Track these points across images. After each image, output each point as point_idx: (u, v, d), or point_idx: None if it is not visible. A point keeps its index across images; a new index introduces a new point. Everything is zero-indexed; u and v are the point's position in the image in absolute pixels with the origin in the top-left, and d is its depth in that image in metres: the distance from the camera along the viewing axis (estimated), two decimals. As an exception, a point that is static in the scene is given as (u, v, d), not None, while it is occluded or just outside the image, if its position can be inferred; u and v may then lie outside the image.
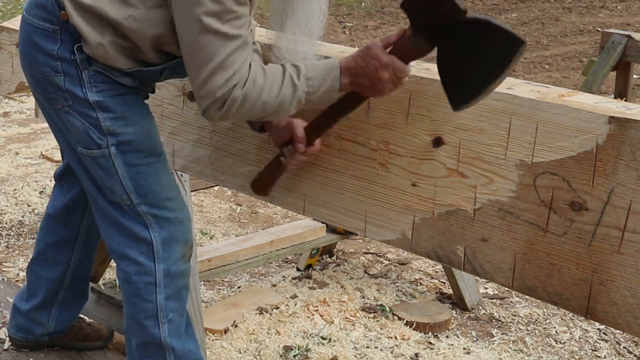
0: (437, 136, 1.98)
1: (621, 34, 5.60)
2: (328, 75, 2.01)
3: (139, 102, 2.28)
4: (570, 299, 1.81)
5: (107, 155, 2.23)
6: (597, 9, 11.67)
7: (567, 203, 1.77)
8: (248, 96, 1.99)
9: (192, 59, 2.00)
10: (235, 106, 2.00)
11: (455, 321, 3.68)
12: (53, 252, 2.69)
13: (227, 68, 1.96)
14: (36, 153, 5.70)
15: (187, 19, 1.97)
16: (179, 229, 2.34)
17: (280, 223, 4.61)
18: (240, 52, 1.98)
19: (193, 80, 2.03)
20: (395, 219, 2.10)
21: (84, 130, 2.21)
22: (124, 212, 2.30)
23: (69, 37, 2.14)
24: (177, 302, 2.39)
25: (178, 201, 2.36)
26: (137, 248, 2.32)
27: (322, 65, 2.03)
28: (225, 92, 1.97)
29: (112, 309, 3.04)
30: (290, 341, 3.36)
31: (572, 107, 1.75)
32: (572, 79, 8.28)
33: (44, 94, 2.24)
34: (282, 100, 2.02)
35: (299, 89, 2.01)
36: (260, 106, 2.01)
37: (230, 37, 1.95)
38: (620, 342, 3.52)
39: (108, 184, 2.26)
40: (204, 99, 2.01)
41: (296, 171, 2.29)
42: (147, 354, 2.42)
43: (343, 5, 11.85)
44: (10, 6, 11.47)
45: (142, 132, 2.25)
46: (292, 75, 2.02)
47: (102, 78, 2.17)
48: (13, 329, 2.81)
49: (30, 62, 2.23)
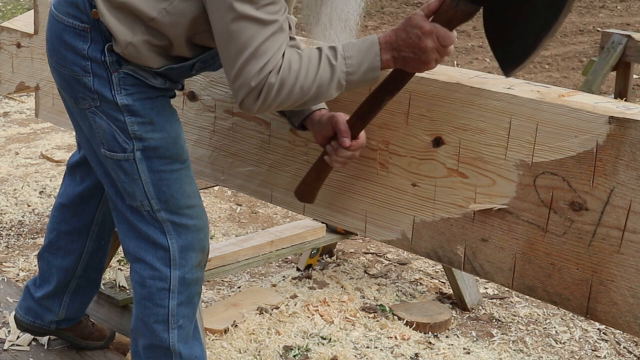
0: (437, 136, 1.98)
1: (621, 34, 5.60)
2: (368, 53, 1.89)
3: (168, 107, 2.24)
4: (570, 299, 1.81)
5: (131, 160, 2.19)
6: (597, 9, 11.67)
7: (567, 203, 1.77)
8: (284, 82, 1.90)
9: (227, 49, 1.92)
10: (273, 93, 1.90)
11: (455, 321, 3.68)
12: (66, 241, 2.68)
13: (261, 55, 1.88)
14: (36, 153, 5.70)
15: (220, 7, 1.91)
16: (196, 236, 2.30)
17: (280, 223, 4.61)
18: (275, 39, 1.90)
19: (228, 72, 1.95)
20: (395, 219, 2.10)
21: (110, 132, 2.17)
22: (142, 218, 2.27)
23: (100, 36, 2.11)
24: (189, 308, 2.36)
25: (199, 209, 2.32)
26: (154, 253, 2.28)
27: (360, 42, 1.91)
28: (261, 80, 1.89)
29: (112, 309, 3.03)
30: (290, 341, 3.36)
31: (572, 107, 1.76)
32: (572, 79, 8.28)
33: (71, 93, 2.21)
34: (321, 83, 1.91)
35: (337, 70, 1.91)
36: (298, 91, 1.91)
37: (265, 22, 1.88)
38: (620, 342, 3.51)
39: (129, 188, 2.23)
40: (240, 90, 1.92)
41: (296, 171, 2.29)
42: (154, 357, 2.39)
43: (343, 5, 11.84)
44: (10, 6, 11.47)
45: (169, 139, 2.21)
46: (329, 56, 1.91)
47: (132, 81, 2.14)
48: (22, 310, 2.78)
49: (58, 60, 2.19)
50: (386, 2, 12.13)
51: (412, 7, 11.90)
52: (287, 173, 2.33)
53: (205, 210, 2.37)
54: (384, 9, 11.80)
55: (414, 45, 1.85)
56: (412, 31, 1.85)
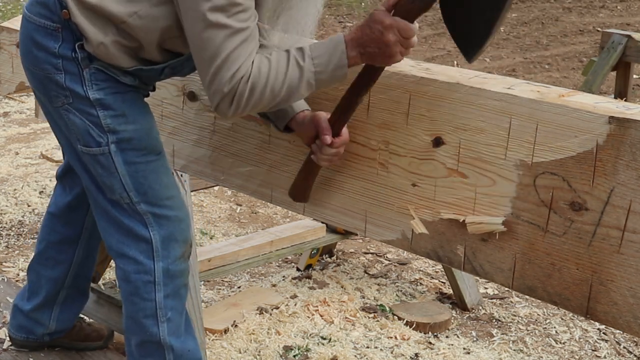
0: (437, 136, 1.98)
1: (621, 34, 5.60)
2: (334, 51, 1.95)
3: (139, 100, 2.28)
4: (570, 299, 1.81)
5: (107, 153, 2.23)
6: (597, 9, 11.67)
7: (567, 203, 1.77)
8: (255, 86, 1.96)
9: (200, 56, 1.98)
10: (244, 98, 1.96)
11: (455, 321, 3.68)
12: (55, 251, 2.69)
13: (233, 62, 1.94)
14: (36, 153, 5.71)
15: (192, 15, 1.95)
16: (178, 227, 2.34)
17: (280, 223, 4.61)
18: (246, 45, 1.95)
19: (203, 78, 2.00)
20: (395, 219, 2.10)
21: (84, 128, 2.21)
22: (123, 211, 2.30)
23: (71, 35, 2.14)
24: (176, 300, 2.39)
25: (177, 200, 2.36)
26: (137, 246, 2.32)
27: (327, 42, 1.97)
28: (233, 86, 1.95)
29: (112, 309, 3.04)
30: (290, 341, 3.36)
31: (572, 107, 1.75)
32: (572, 79, 8.28)
33: (45, 92, 2.24)
34: (290, 85, 1.97)
35: (306, 70, 1.96)
36: (269, 94, 1.97)
37: (236, 30, 1.93)
38: (620, 342, 3.52)
39: (108, 182, 2.27)
40: (214, 96, 1.98)
41: (296, 171, 2.29)
42: (147, 353, 2.42)
43: (343, 5, 11.85)
44: (10, 6, 11.47)
45: (142, 130, 2.25)
46: (297, 57, 1.96)
47: (103, 76, 2.17)
48: (14, 329, 2.80)
49: (30, 60, 2.23)
50: (386, 2, 12.13)
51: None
52: (287, 173, 2.33)
53: (184, 202, 2.41)
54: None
55: (378, 40, 1.90)
56: (374, 27, 1.90)
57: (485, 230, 1.90)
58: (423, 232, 2.01)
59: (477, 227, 1.91)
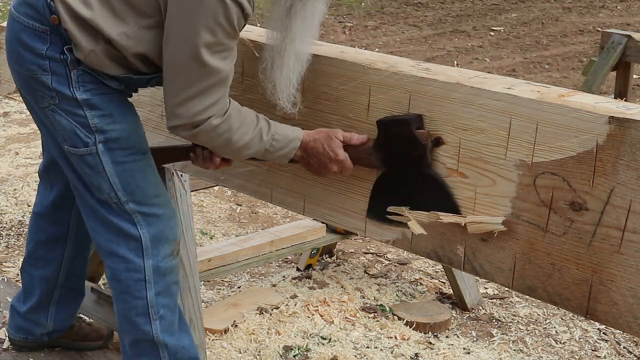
0: (437, 136, 1.98)
1: (621, 34, 5.59)
2: (290, 143, 2.13)
3: (125, 101, 2.30)
4: (570, 299, 1.81)
5: (94, 153, 2.23)
6: (597, 9, 11.67)
7: (567, 203, 1.77)
8: (220, 130, 2.07)
9: (174, 78, 2.06)
10: (205, 133, 2.08)
11: (455, 321, 3.68)
12: (44, 250, 2.68)
13: (208, 96, 2.04)
14: (36, 153, 5.70)
15: (182, 44, 2.02)
16: (167, 225, 2.36)
17: (280, 223, 4.61)
18: (221, 86, 2.05)
19: (169, 97, 2.08)
20: (395, 218, 2.10)
21: (71, 129, 2.21)
22: (111, 210, 2.30)
23: (59, 39, 2.15)
24: (167, 298, 2.39)
25: (164, 198, 2.38)
26: (126, 245, 2.32)
27: (290, 131, 2.14)
28: (202, 119, 2.05)
29: (111, 309, 3.03)
30: (290, 341, 3.36)
31: (572, 107, 1.75)
32: (572, 79, 8.27)
33: (30, 92, 2.24)
34: (246, 147, 2.12)
35: (263, 143, 2.12)
36: (224, 142, 2.10)
37: (214, 69, 2.02)
38: (620, 342, 3.52)
39: (95, 182, 2.27)
40: (177, 117, 2.07)
41: (296, 171, 2.29)
42: (141, 352, 2.42)
43: (343, 5, 11.85)
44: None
45: (129, 130, 2.27)
46: (263, 129, 2.11)
47: (90, 78, 2.19)
48: (13, 330, 2.80)
49: (16, 60, 2.22)
50: (386, 2, 12.14)
51: (412, 7, 11.91)
52: (287, 173, 2.33)
53: (170, 200, 2.43)
54: (384, 9, 11.80)
55: (321, 162, 2.11)
56: (327, 150, 2.10)
57: (485, 230, 1.90)
58: (421, 233, 2.01)
59: (477, 227, 1.91)
